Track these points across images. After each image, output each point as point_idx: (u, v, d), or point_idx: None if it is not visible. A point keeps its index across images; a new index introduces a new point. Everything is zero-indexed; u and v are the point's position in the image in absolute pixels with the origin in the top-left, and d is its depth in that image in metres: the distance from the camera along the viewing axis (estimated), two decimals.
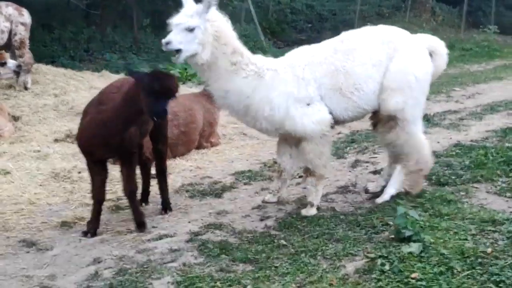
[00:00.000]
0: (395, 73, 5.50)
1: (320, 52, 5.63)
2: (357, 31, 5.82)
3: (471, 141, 8.01)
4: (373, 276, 4.27)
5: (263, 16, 29.01)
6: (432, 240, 4.59)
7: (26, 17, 11.42)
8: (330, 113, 5.56)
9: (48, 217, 6.14)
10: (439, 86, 14.40)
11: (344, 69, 5.48)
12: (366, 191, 6.21)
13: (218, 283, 4.41)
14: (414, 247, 4.48)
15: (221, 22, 5.35)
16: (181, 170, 7.86)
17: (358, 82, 5.49)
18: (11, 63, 9.32)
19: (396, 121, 5.56)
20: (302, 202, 6.09)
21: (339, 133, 9.84)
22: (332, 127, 5.67)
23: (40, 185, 6.97)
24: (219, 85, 5.44)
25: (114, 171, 6.80)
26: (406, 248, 4.49)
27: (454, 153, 7.39)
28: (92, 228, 5.66)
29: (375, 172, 7.02)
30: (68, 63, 18.61)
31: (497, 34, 23.67)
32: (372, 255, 4.54)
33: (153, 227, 5.77)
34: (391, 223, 5.19)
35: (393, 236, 4.84)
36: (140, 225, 5.65)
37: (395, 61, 5.52)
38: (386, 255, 4.47)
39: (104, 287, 4.48)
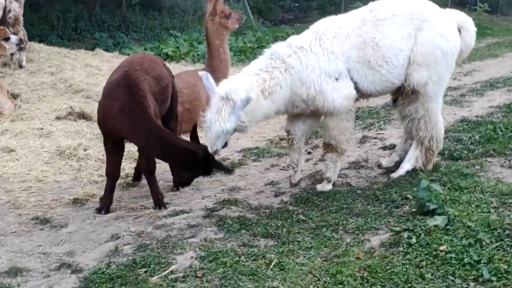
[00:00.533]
0: (423, 45, 5.37)
1: (348, 23, 5.47)
2: (385, 1, 5.61)
3: (476, 116, 8.00)
4: (400, 249, 4.26)
5: None
6: (456, 213, 4.57)
7: None
8: (356, 86, 5.46)
9: (59, 195, 6.04)
10: None
11: (373, 41, 5.35)
12: (380, 166, 6.18)
13: (242, 258, 4.37)
14: (440, 220, 4.46)
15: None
16: None
17: (388, 55, 5.36)
18: (14, 38, 9.15)
19: (417, 95, 5.48)
20: (316, 178, 6.05)
21: None
22: (356, 100, 5.59)
23: (46, 163, 6.85)
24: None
25: None
26: (431, 221, 4.47)
27: (461, 128, 7.37)
28: (106, 205, 5.58)
29: (384, 148, 7.00)
30: (57, 42, 18.37)
31: (486, 13, 23.72)
32: (397, 229, 4.51)
33: (167, 203, 5.69)
34: (410, 196, 5.17)
35: (415, 209, 4.82)
36: (159, 205, 5.57)
37: (423, 33, 5.38)
38: (412, 228, 4.44)
39: (127, 262, 4.41)
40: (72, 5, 22.29)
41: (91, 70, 11.35)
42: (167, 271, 4.23)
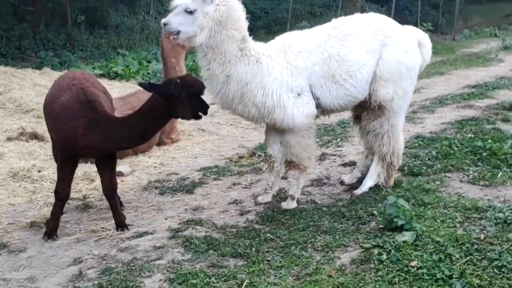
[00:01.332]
0: (388, 62, 5.46)
1: (313, 38, 5.50)
2: (349, 18, 5.71)
3: (430, 132, 8.21)
4: (371, 266, 4.26)
5: None
6: (424, 229, 4.62)
7: None
8: (318, 103, 5.48)
9: (15, 218, 5.79)
10: None
11: (339, 55, 5.39)
12: (342, 183, 6.22)
13: (213, 279, 4.29)
14: (408, 236, 4.49)
15: (229, 7, 5.14)
16: (144, 167, 7.63)
17: (352, 69, 5.41)
18: None
19: (383, 110, 5.56)
20: (280, 196, 6.02)
21: None
22: (317, 117, 5.62)
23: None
24: (223, 69, 5.21)
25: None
26: (400, 237, 4.50)
27: (417, 144, 7.53)
28: (55, 228, 5.35)
29: (344, 165, 7.05)
30: (1, 61, 17.84)
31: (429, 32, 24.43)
32: (367, 245, 4.52)
33: (129, 225, 5.53)
34: (375, 213, 5.22)
35: (382, 225, 4.85)
36: (122, 226, 5.42)
37: (388, 49, 5.48)
38: (381, 245, 4.46)
39: (93, 287, 4.25)
40: (15, 23, 21.72)
41: (40, 89, 11.06)
42: None
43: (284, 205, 5.73)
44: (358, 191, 5.87)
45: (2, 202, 6.19)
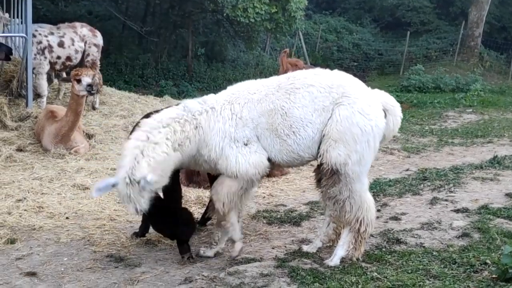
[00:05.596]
0: (338, 121, 5.04)
1: (263, 88, 5.26)
2: (308, 71, 5.39)
3: None
4: None
5: (310, 52, 29.24)
6: None
7: (99, 38, 11.70)
8: (268, 156, 5.24)
9: (131, 234, 6.13)
10: (500, 130, 14.26)
11: (283, 109, 5.11)
12: (300, 249, 5.76)
13: None
14: None
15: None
16: (254, 196, 7.80)
17: (295, 125, 5.10)
18: (85, 80, 9.40)
19: (339, 176, 5.08)
20: (388, 236, 5.96)
21: (408, 169, 9.78)
22: (269, 170, 5.35)
23: (118, 203, 6.97)
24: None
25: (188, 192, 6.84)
26: None
27: None
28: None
29: (457, 211, 6.86)
30: (124, 87, 18.96)
31: None
32: None
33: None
34: (489, 262, 5.04)
35: (496, 275, 4.69)
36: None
37: (341, 108, 5.06)
38: None
39: None
40: (140, 53, 23.09)
41: None
42: None
43: (205, 252, 5.64)
44: (330, 263, 5.31)
45: (121, 219, 6.60)
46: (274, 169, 5.54)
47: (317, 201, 7.57)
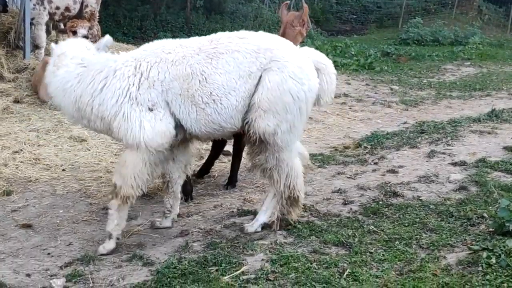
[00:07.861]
0: (269, 89, 4.61)
1: (181, 49, 4.70)
2: (233, 33, 4.85)
3: None
4: (479, 269, 4.10)
5: (309, 5, 28.79)
6: None
7: None
8: (181, 125, 4.73)
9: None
10: (498, 83, 14.17)
11: (202, 75, 4.61)
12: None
13: (314, 265, 4.30)
14: None
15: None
16: None
17: (216, 93, 4.61)
18: (81, 32, 9.25)
19: (266, 145, 4.74)
20: (385, 189, 5.93)
21: (405, 122, 9.74)
22: (175, 141, 4.83)
23: (115, 155, 6.96)
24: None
25: None
26: (511, 242, 4.31)
27: None
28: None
29: (454, 164, 6.81)
30: (123, 39, 18.74)
31: None
32: (475, 247, 4.36)
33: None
34: (486, 215, 5.02)
35: (492, 229, 4.66)
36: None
37: (270, 74, 4.63)
38: (491, 248, 4.28)
39: (198, 259, 4.40)
40: (139, 4, 22.77)
41: None
42: (238, 272, 4.21)
43: (101, 248, 4.76)
44: (249, 228, 5.05)
45: None
46: (191, 141, 5.09)
47: (315, 153, 7.59)
